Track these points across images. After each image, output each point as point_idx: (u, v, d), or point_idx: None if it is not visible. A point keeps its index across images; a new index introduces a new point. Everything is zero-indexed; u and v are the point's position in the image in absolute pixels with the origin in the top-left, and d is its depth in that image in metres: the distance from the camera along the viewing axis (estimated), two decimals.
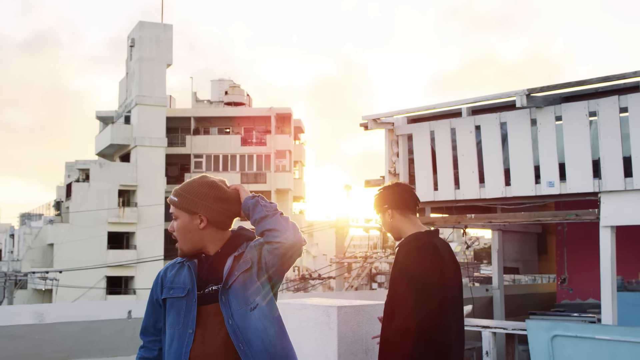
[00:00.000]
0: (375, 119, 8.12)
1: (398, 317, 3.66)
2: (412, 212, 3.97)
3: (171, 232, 3.06)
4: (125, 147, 48.75)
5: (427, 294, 3.61)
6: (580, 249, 9.73)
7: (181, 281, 3.02)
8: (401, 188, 4.03)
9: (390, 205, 3.96)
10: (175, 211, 3.05)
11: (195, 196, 3.02)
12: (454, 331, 3.78)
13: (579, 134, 6.82)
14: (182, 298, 2.98)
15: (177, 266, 3.10)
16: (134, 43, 48.75)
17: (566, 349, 6.20)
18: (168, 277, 3.09)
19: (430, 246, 3.77)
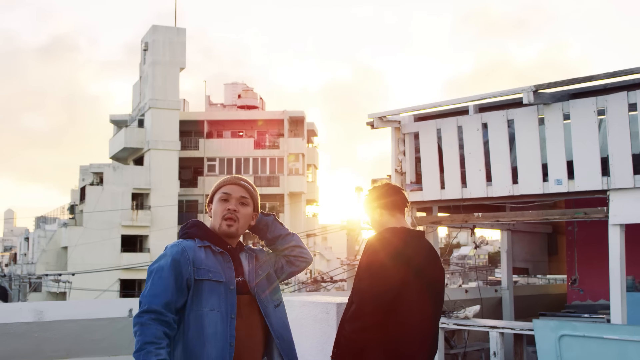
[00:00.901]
0: (381, 117, 8.05)
1: (354, 304, 3.74)
2: (400, 212, 4.06)
3: (232, 211, 3.22)
4: (138, 151, 48.92)
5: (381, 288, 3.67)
6: (591, 249, 9.59)
7: (214, 265, 3.12)
8: (390, 189, 4.13)
9: (379, 204, 4.05)
10: (248, 198, 3.29)
11: (257, 194, 3.39)
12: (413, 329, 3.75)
13: (587, 131, 6.71)
14: (220, 283, 3.09)
15: (202, 250, 3.15)
16: (147, 47, 48.94)
17: (574, 348, 6.10)
18: (199, 259, 3.11)
19: (394, 244, 3.80)
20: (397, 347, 3.72)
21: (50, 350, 5.81)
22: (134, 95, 52.62)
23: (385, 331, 3.69)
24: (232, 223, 3.21)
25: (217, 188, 3.33)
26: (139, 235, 46.73)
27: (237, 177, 3.35)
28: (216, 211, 3.26)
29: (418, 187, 8.06)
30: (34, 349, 5.74)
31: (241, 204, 3.25)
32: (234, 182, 3.30)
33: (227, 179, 3.34)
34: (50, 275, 43.17)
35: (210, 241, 3.20)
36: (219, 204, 3.26)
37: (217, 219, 3.25)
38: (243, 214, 3.25)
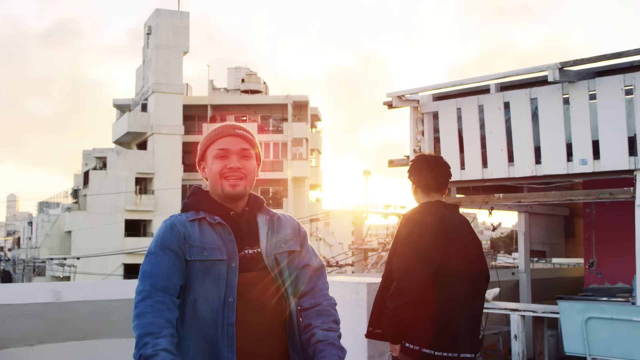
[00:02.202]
0: (400, 96, 7.88)
1: (395, 280, 3.71)
2: (434, 192, 3.98)
3: (234, 169, 2.61)
4: (142, 135, 48.76)
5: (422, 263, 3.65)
6: (610, 232, 9.45)
7: (211, 241, 2.56)
8: (430, 167, 4.00)
9: (414, 181, 4.02)
10: (248, 149, 2.70)
11: (257, 144, 2.78)
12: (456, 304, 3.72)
13: (614, 109, 6.55)
14: (221, 262, 2.53)
15: (195, 223, 2.60)
16: (150, 31, 48.66)
17: (601, 331, 5.98)
18: (192, 235, 2.56)
19: (431, 215, 3.80)
20: (447, 324, 3.66)
21: (67, 332, 5.69)
22: (137, 80, 52.39)
23: (430, 307, 3.64)
24: (237, 182, 2.61)
25: (209, 142, 2.71)
26: (143, 219, 46.66)
27: (232, 126, 2.73)
28: (213, 171, 2.64)
29: None
30: (51, 330, 5.62)
31: (243, 157, 2.66)
32: (230, 132, 2.69)
33: (220, 130, 2.72)
34: (55, 260, 43.15)
35: (206, 210, 2.63)
36: (216, 162, 2.64)
37: (216, 179, 2.64)
38: (247, 167, 2.66)
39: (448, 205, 3.96)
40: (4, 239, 79.41)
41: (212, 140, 2.69)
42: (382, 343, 4.31)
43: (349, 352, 4.36)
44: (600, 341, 5.97)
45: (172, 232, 2.57)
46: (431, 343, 3.65)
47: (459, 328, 3.71)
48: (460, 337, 3.70)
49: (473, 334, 3.79)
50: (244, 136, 2.70)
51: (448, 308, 3.69)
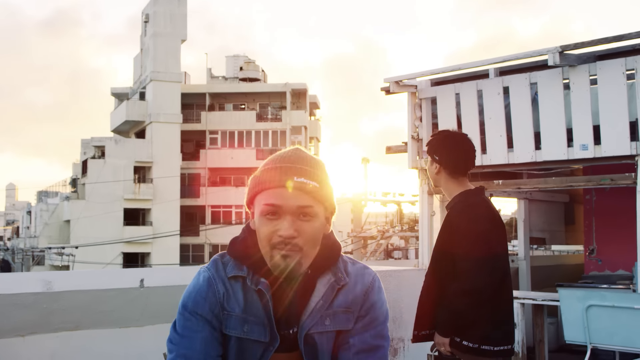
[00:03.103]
0: (397, 82, 7.75)
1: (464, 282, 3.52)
2: (461, 174, 3.73)
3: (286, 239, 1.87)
4: (140, 124, 48.63)
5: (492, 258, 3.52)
6: (610, 219, 9.36)
7: (254, 311, 1.96)
8: (457, 147, 3.73)
9: (439, 161, 3.71)
10: (311, 206, 1.90)
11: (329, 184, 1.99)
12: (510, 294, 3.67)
13: (616, 94, 6.43)
14: (258, 343, 1.97)
15: (238, 283, 1.99)
16: (148, 19, 48.44)
17: (602, 319, 5.88)
18: (234, 299, 1.97)
19: (484, 204, 3.62)
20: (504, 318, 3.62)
21: (59, 322, 5.60)
22: (135, 68, 52.20)
23: (495, 304, 3.56)
24: (290, 253, 1.88)
25: (256, 189, 1.96)
26: (142, 208, 46.62)
27: (290, 169, 1.91)
28: (260, 234, 1.92)
29: None
30: (42, 320, 5.53)
31: (302, 217, 1.89)
32: (284, 183, 1.89)
33: (272, 175, 1.92)
34: (53, 249, 43.12)
35: (251, 266, 1.98)
36: (264, 222, 1.91)
37: (263, 244, 1.93)
38: (308, 234, 1.90)
39: (482, 191, 3.75)
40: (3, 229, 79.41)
41: (259, 189, 1.95)
42: None
43: None
44: (601, 329, 5.88)
45: (208, 292, 1.98)
46: (491, 339, 3.58)
47: (511, 319, 3.69)
48: (511, 326, 3.69)
49: (514, 320, 3.81)
50: (305, 187, 1.90)
51: (506, 301, 3.63)
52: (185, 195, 48.01)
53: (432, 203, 7.92)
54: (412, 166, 7.93)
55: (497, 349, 3.58)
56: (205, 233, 47.84)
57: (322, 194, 1.93)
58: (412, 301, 4.40)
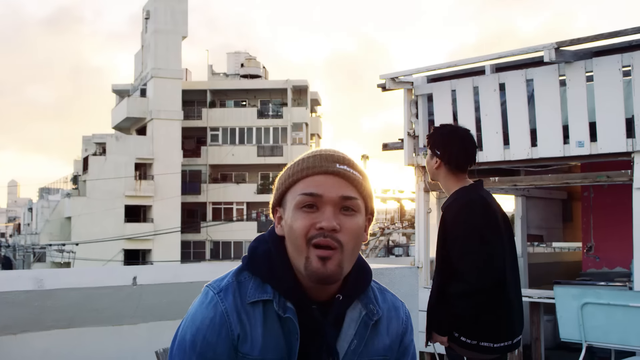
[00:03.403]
0: (393, 78, 7.73)
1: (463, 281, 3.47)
2: (461, 171, 3.65)
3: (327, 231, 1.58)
4: (141, 121, 48.61)
5: (490, 254, 3.44)
6: (608, 216, 9.32)
7: (275, 348, 1.64)
8: (460, 143, 3.63)
9: (440, 155, 3.63)
10: (355, 198, 1.65)
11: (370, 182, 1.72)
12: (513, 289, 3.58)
13: (612, 90, 6.40)
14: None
15: (257, 310, 1.65)
16: (149, 15, 48.37)
17: (597, 317, 5.85)
18: (250, 337, 1.63)
19: (480, 201, 3.53)
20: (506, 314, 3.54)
21: (51, 320, 5.57)
22: (136, 65, 52.16)
23: (496, 301, 3.49)
24: (329, 254, 1.58)
25: (290, 180, 1.67)
26: (143, 205, 46.61)
27: (332, 156, 1.67)
28: (295, 230, 1.62)
29: None
30: (34, 318, 5.49)
31: (345, 210, 1.62)
32: (326, 168, 1.64)
33: (312, 161, 1.66)
34: (54, 246, 43.15)
35: (277, 287, 1.65)
36: (299, 215, 1.62)
37: (297, 244, 1.62)
38: (352, 230, 1.62)
39: (480, 186, 3.67)
40: (4, 225, 79.51)
41: (296, 178, 1.66)
42: None
43: None
44: (596, 327, 5.85)
45: (221, 330, 1.63)
46: (491, 335, 3.51)
47: (515, 314, 3.61)
48: (515, 322, 3.61)
49: (522, 313, 3.69)
50: (348, 176, 1.64)
51: (508, 298, 3.55)
52: (186, 192, 47.98)
53: (428, 200, 7.89)
54: (408, 163, 7.91)
55: (498, 346, 3.52)
56: (207, 230, 47.83)
57: (366, 187, 1.68)
58: (404, 299, 4.36)
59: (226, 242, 48.12)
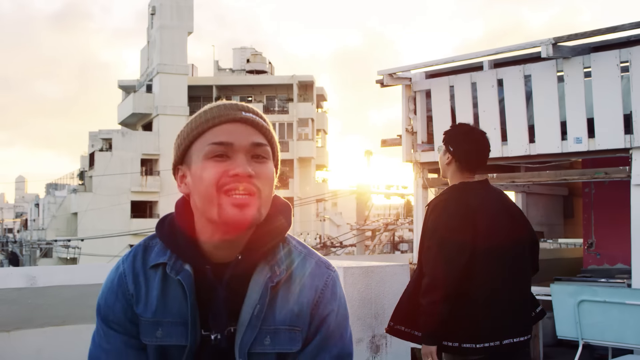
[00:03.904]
0: (391, 74, 7.68)
1: (426, 275, 3.52)
2: (470, 171, 3.69)
3: (242, 177, 1.54)
4: (147, 116, 48.68)
5: (453, 252, 3.45)
6: (609, 212, 9.26)
7: (173, 310, 1.62)
8: (475, 144, 3.69)
9: (453, 152, 3.68)
10: (264, 145, 1.62)
11: (276, 137, 1.71)
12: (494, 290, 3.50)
13: (610, 86, 6.34)
14: (183, 347, 1.62)
15: (157, 274, 1.64)
16: (154, 11, 48.41)
17: (594, 314, 5.82)
18: (144, 299, 1.63)
19: (457, 200, 3.56)
20: (487, 313, 3.48)
21: (45, 317, 5.58)
22: (142, 61, 52.21)
23: (468, 298, 3.46)
24: (245, 200, 1.53)
25: (195, 133, 1.62)
26: (149, 200, 46.69)
27: (236, 105, 1.62)
28: (204, 182, 1.56)
29: (430, 147, 7.74)
30: (27, 315, 5.50)
31: (256, 158, 1.59)
32: (233, 116, 1.59)
33: (215, 112, 1.61)
34: (60, 241, 43.28)
35: (175, 250, 1.64)
36: (209, 165, 1.56)
37: (207, 196, 1.56)
38: (266, 176, 1.59)
39: (474, 184, 3.66)
40: (12, 221, 79.82)
41: (201, 129, 1.61)
42: (361, 329, 4.18)
43: None
44: (593, 325, 5.82)
45: (118, 292, 1.66)
46: (471, 336, 3.47)
47: (502, 313, 3.52)
48: (503, 322, 3.51)
49: (519, 316, 3.60)
50: (256, 123, 1.61)
51: (487, 295, 3.49)
52: None
53: (426, 196, 7.85)
54: (407, 159, 7.87)
55: (481, 346, 3.47)
56: None
57: (273, 134, 1.66)
58: (395, 297, 4.35)
59: None
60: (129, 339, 1.64)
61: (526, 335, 3.62)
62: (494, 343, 3.48)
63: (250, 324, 1.58)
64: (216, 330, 1.62)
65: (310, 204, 44.00)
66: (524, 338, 3.59)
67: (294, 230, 45.56)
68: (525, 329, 3.62)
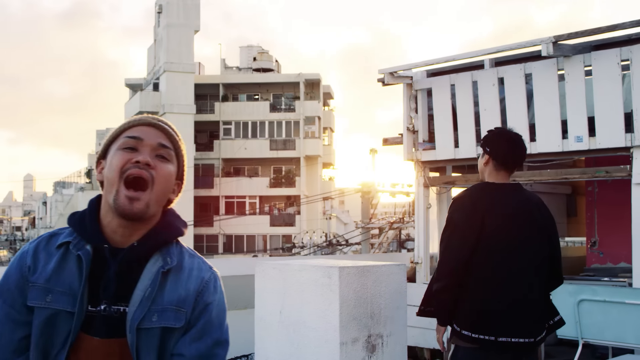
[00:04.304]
0: (392, 73, 7.67)
1: (437, 264, 3.82)
2: (505, 169, 3.80)
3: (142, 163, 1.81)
4: (154, 115, 48.60)
5: (456, 247, 3.67)
6: (613, 210, 9.23)
7: (64, 281, 1.79)
8: (512, 142, 3.83)
9: (490, 152, 3.80)
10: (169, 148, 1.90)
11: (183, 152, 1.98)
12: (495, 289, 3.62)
13: (610, 85, 6.32)
14: (70, 314, 1.77)
15: (60, 251, 1.83)
16: (161, 9, 48.44)
17: (594, 314, 5.80)
18: (40, 269, 1.80)
19: (471, 198, 3.75)
20: (487, 306, 3.62)
21: None
22: (148, 59, 52.28)
23: (469, 291, 3.64)
24: (138, 196, 1.80)
25: (116, 133, 1.91)
26: None
27: (149, 117, 1.95)
28: (112, 166, 1.82)
29: (431, 146, 7.72)
30: None
31: (159, 157, 1.87)
32: (148, 121, 1.91)
33: (136, 118, 1.94)
34: None
35: (81, 234, 1.83)
36: (120, 154, 1.84)
37: (111, 180, 1.81)
38: (162, 174, 1.85)
39: (495, 185, 3.77)
40: (20, 219, 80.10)
41: (121, 129, 1.91)
42: (356, 329, 4.17)
43: (320, 338, 4.24)
44: (592, 324, 5.80)
45: (15, 267, 1.83)
46: (470, 325, 3.62)
47: (501, 312, 3.61)
48: (501, 320, 3.60)
49: (522, 318, 3.64)
50: (166, 129, 1.92)
51: (488, 292, 3.62)
52: (199, 186, 48.07)
53: (428, 195, 7.85)
54: (408, 158, 7.86)
55: (476, 337, 3.59)
56: (219, 223, 47.93)
57: (180, 145, 1.96)
58: (391, 297, 4.34)
59: (239, 235, 48.24)
60: (11, 310, 1.80)
61: (527, 338, 3.63)
62: (489, 337, 3.57)
63: (140, 304, 1.79)
64: (105, 302, 1.79)
65: (316, 202, 44.00)
66: (523, 340, 3.62)
67: (301, 228, 45.53)
68: (527, 331, 3.64)
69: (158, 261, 1.85)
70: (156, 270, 1.83)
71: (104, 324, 1.78)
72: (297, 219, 48.03)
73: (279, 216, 48.73)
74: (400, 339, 4.41)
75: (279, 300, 4.39)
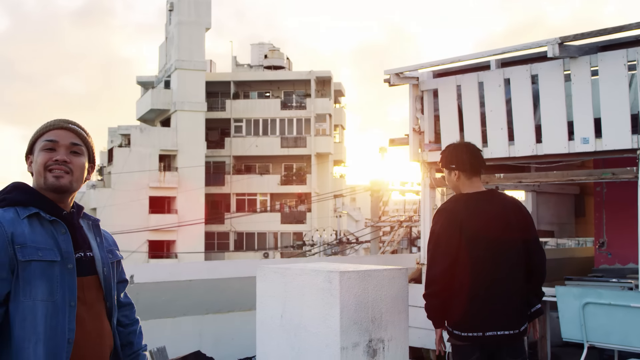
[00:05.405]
0: (398, 74, 7.65)
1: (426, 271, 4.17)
2: (476, 174, 4.15)
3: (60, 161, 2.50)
4: (165, 112, 48.85)
5: (439, 257, 4.02)
6: (621, 211, 9.16)
7: (44, 240, 2.39)
8: (469, 150, 4.18)
9: (457, 166, 4.12)
10: (81, 145, 2.59)
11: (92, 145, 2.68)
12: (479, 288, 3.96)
13: (617, 86, 6.27)
14: (54, 263, 2.37)
15: (26, 221, 2.40)
16: (172, 7, 48.55)
17: (599, 317, 5.77)
18: (22, 234, 2.36)
19: (447, 209, 4.09)
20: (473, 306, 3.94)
21: None
22: (160, 57, 52.41)
23: (456, 294, 3.96)
24: (61, 174, 2.49)
25: (38, 134, 2.57)
26: (167, 196, 46.88)
27: (64, 120, 2.61)
28: (38, 163, 2.50)
29: (437, 146, 7.70)
30: None
31: (73, 152, 2.54)
32: (60, 125, 2.56)
33: (51, 123, 2.59)
34: None
35: (37, 206, 2.45)
36: (42, 153, 2.51)
37: (40, 173, 2.49)
38: (77, 164, 2.54)
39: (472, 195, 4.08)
40: None
41: (41, 133, 2.57)
42: (357, 334, 4.17)
43: (321, 343, 4.23)
44: (597, 327, 5.77)
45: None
46: (460, 324, 4.00)
47: (485, 308, 3.96)
48: (485, 316, 3.96)
49: (504, 311, 3.97)
50: (76, 131, 2.60)
51: (473, 292, 3.94)
52: (210, 184, 48.17)
53: (434, 196, 7.83)
54: (414, 159, 7.84)
55: (465, 335, 3.98)
56: (230, 221, 48.02)
57: (89, 141, 2.64)
58: (392, 302, 4.32)
59: (250, 233, 48.30)
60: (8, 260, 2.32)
61: (511, 330, 3.98)
62: (477, 334, 3.96)
63: (99, 249, 2.61)
64: (83, 250, 2.53)
65: (327, 199, 44.00)
66: (508, 332, 3.97)
67: (312, 226, 45.54)
68: (510, 324, 3.98)
69: (86, 220, 2.65)
70: (89, 227, 2.65)
71: (84, 267, 2.50)
72: (308, 216, 48.04)
73: (290, 214, 48.75)
74: (402, 344, 4.40)
75: (280, 304, 4.39)
